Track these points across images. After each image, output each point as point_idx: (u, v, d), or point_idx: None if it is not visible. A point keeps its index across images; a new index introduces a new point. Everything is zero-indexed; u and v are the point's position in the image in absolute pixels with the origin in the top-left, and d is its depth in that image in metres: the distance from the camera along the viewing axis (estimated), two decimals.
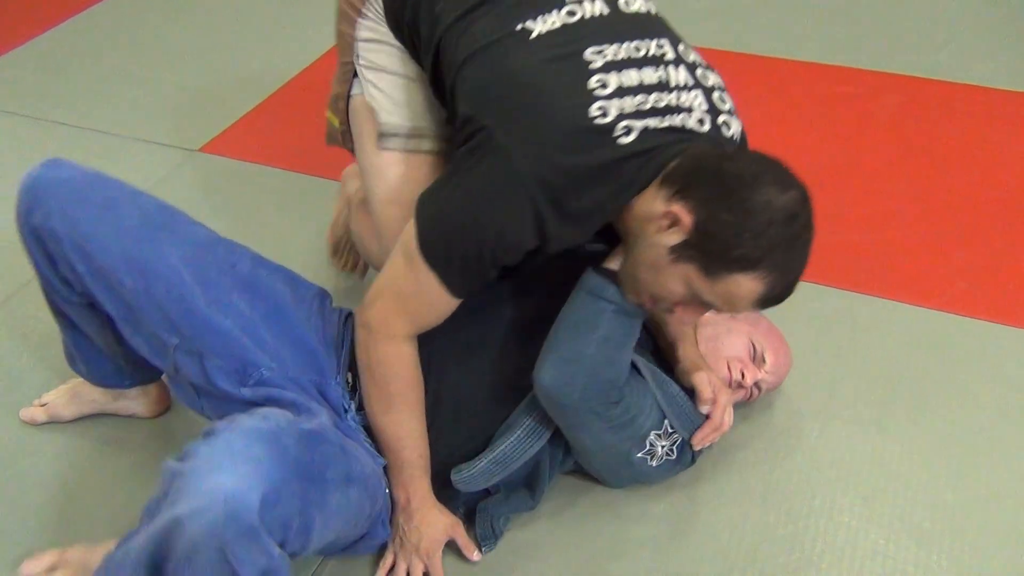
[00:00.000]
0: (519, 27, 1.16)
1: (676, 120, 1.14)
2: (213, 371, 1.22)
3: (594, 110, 1.09)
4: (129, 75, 2.66)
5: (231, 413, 1.21)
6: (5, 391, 1.63)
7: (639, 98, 1.12)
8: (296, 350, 1.29)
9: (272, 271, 1.35)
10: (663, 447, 1.33)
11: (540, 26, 1.16)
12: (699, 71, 1.21)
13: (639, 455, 1.32)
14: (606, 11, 1.18)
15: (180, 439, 1.54)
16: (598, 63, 1.13)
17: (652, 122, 1.12)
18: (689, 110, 1.15)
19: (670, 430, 1.33)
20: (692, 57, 1.22)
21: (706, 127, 1.16)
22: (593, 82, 1.11)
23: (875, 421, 1.55)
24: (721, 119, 1.19)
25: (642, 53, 1.16)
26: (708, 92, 1.19)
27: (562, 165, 1.09)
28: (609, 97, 1.11)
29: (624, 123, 1.10)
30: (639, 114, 1.11)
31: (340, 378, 1.33)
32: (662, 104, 1.13)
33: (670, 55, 1.18)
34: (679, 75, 1.17)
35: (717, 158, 1.12)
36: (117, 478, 1.49)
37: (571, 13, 1.17)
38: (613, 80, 1.12)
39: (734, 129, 1.21)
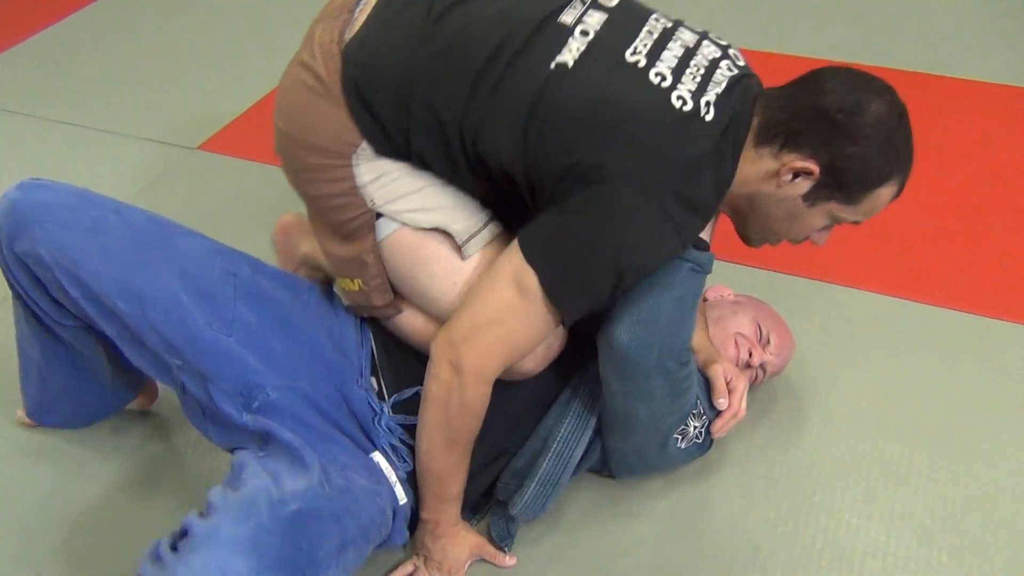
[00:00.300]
0: (553, 66, 1.12)
1: (721, 76, 1.15)
2: (216, 394, 1.19)
3: (675, 100, 1.10)
4: (128, 73, 2.65)
5: (233, 442, 1.23)
6: (3, 390, 1.63)
7: (689, 75, 1.13)
8: (310, 358, 1.26)
9: (272, 276, 1.32)
10: (695, 428, 1.34)
11: (570, 56, 1.12)
12: (686, 23, 1.22)
13: (676, 434, 1.32)
14: (604, 16, 1.17)
15: (175, 441, 1.54)
16: (642, 61, 1.12)
17: (713, 90, 1.13)
18: (717, 61, 1.17)
19: (701, 411, 1.34)
20: (672, 16, 1.23)
21: (736, 68, 1.18)
22: (653, 77, 1.11)
23: (876, 418, 1.55)
24: (732, 52, 1.22)
25: (656, 35, 1.16)
26: (706, 36, 1.21)
27: (678, 163, 1.09)
28: (674, 85, 1.11)
29: (703, 101, 1.11)
30: (701, 89, 1.12)
31: (364, 381, 1.30)
32: (703, 70, 1.14)
33: (668, 23, 1.20)
34: (687, 36, 1.19)
35: (807, 98, 1.13)
36: (113, 480, 1.48)
37: (584, 33, 1.15)
38: (664, 69, 1.12)
39: (742, 56, 1.24)
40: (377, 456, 1.25)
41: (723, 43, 1.22)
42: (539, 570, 1.34)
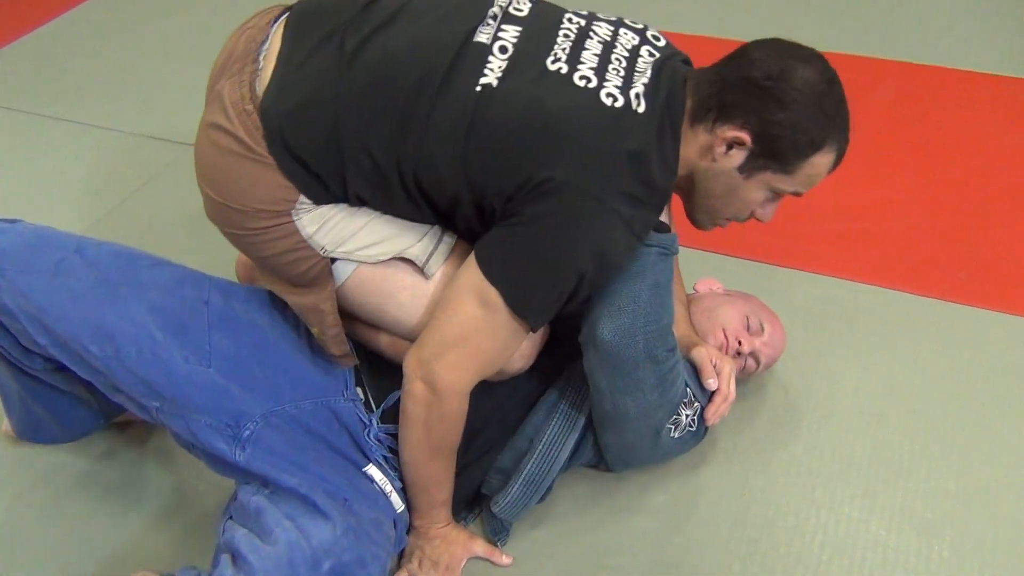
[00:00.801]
0: (478, 89, 1.10)
1: (644, 64, 1.16)
2: (202, 431, 1.16)
3: (604, 99, 1.10)
4: (125, 69, 2.64)
5: (232, 477, 1.22)
6: None
7: (612, 71, 1.13)
8: (293, 378, 1.24)
9: (245, 298, 1.28)
10: (687, 416, 1.33)
11: (493, 76, 1.10)
12: (599, 15, 1.22)
13: (668, 424, 1.32)
14: (519, 28, 1.16)
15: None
16: (564, 67, 1.12)
17: (640, 81, 1.13)
18: (637, 49, 1.17)
19: (693, 399, 1.33)
20: (583, 11, 1.23)
21: (657, 51, 1.18)
22: (579, 81, 1.11)
23: (875, 412, 1.55)
24: (650, 34, 1.22)
25: (573, 37, 1.16)
26: (621, 24, 1.21)
27: (621, 161, 1.09)
28: (601, 84, 1.11)
29: (631, 93, 1.11)
30: (628, 82, 1.13)
31: (350, 392, 1.29)
32: (624, 63, 1.15)
33: (581, 21, 1.20)
34: (602, 30, 1.19)
35: (735, 71, 1.14)
36: (110, 489, 1.47)
37: (503, 49, 1.13)
38: (587, 71, 1.12)
39: (662, 36, 1.24)
40: (371, 469, 1.26)
41: (639, 27, 1.23)
42: (537, 565, 1.34)
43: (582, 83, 1.11)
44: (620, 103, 1.10)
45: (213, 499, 1.42)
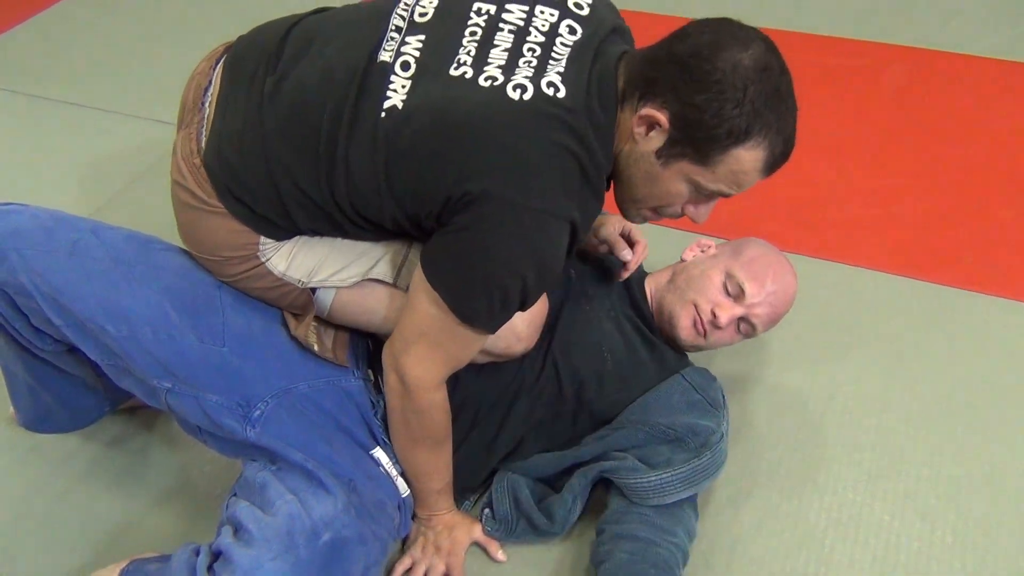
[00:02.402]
0: (383, 115, 1.06)
1: (562, 46, 1.08)
2: (214, 410, 1.16)
3: (511, 93, 1.03)
4: (130, 52, 2.64)
5: (238, 454, 1.23)
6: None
7: (524, 63, 1.06)
8: (304, 356, 1.25)
9: None
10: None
11: (397, 97, 1.06)
12: None
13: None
14: (422, 36, 1.10)
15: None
16: (469, 72, 1.06)
17: (556, 67, 1.06)
18: (556, 28, 1.09)
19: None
20: None
21: (580, 27, 1.10)
22: (484, 82, 1.05)
23: (879, 396, 1.55)
24: (572, 2, 1.13)
25: (480, 34, 1.09)
26: (536, 0, 1.12)
27: (539, 156, 1.03)
28: (508, 79, 1.04)
29: (544, 82, 1.04)
30: (541, 70, 1.06)
31: (360, 373, 1.30)
32: (539, 50, 1.07)
33: (492, 7, 1.11)
34: (514, 16, 1.11)
35: (664, 45, 1.05)
36: (117, 477, 1.47)
37: (405, 66, 1.08)
38: (493, 70, 1.06)
39: (586, 5, 1.13)
40: (378, 452, 1.26)
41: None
42: (535, 556, 1.34)
43: (487, 83, 1.04)
44: (530, 94, 1.03)
45: (220, 481, 1.43)
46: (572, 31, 1.10)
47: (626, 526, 1.24)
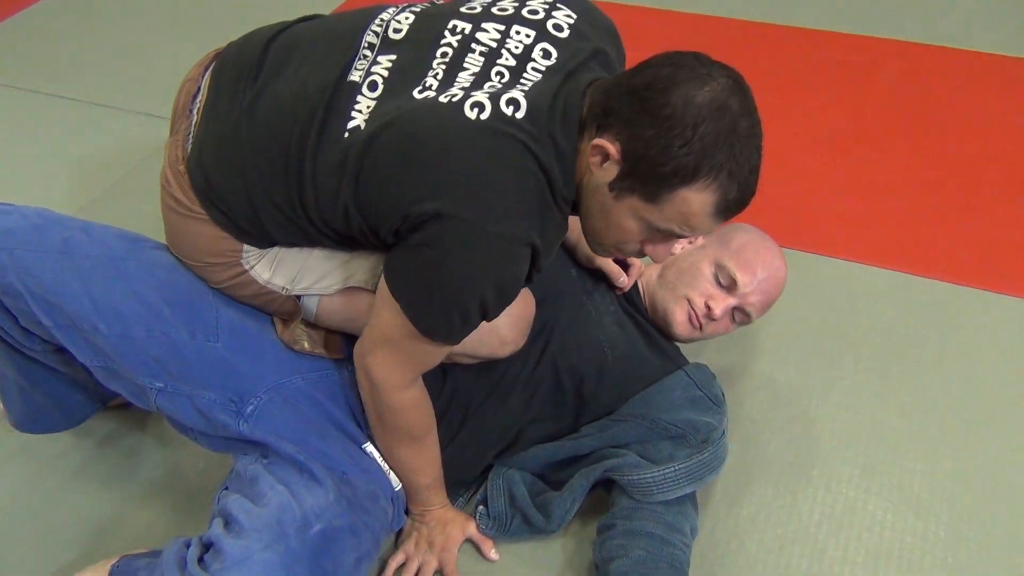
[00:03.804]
0: (346, 135, 1.05)
1: (533, 70, 1.06)
2: (208, 406, 1.17)
3: (468, 111, 1.01)
4: (123, 46, 2.62)
5: (229, 450, 1.22)
6: None
7: (488, 87, 1.04)
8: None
9: None
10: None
11: (361, 118, 1.06)
12: (493, 10, 1.12)
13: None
14: (393, 55, 1.09)
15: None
16: (431, 94, 1.05)
17: (520, 87, 1.04)
18: (530, 50, 1.07)
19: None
20: (476, 8, 1.13)
21: (556, 52, 1.08)
22: (443, 99, 1.04)
23: (874, 392, 1.55)
24: (551, 24, 1.10)
25: (451, 56, 1.07)
26: (517, 18, 1.10)
27: (495, 175, 1.01)
28: (467, 96, 1.03)
29: (503, 99, 1.02)
30: (507, 87, 1.04)
31: (352, 363, 1.29)
32: (507, 74, 1.06)
33: (467, 27, 1.10)
34: (488, 36, 1.09)
35: (625, 75, 1.03)
36: (109, 475, 1.47)
37: (372, 86, 1.07)
38: (456, 90, 1.04)
39: (565, 21, 1.11)
40: (370, 446, 1.26)
41: (539, 16, 1.11)
42: (530, 553, 1.33)
43: (446, 99, 1.03)
44: (487, 112, 1.01)
45: (211, 478, 1.42)
46: (547, 55, 1.08)
47: (639, 523, 1.23)
